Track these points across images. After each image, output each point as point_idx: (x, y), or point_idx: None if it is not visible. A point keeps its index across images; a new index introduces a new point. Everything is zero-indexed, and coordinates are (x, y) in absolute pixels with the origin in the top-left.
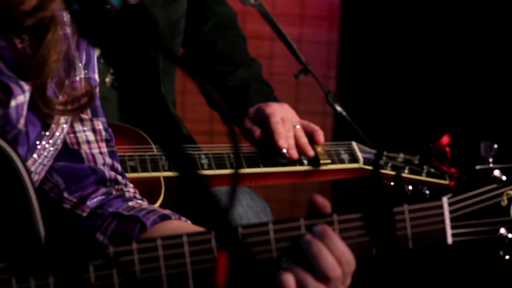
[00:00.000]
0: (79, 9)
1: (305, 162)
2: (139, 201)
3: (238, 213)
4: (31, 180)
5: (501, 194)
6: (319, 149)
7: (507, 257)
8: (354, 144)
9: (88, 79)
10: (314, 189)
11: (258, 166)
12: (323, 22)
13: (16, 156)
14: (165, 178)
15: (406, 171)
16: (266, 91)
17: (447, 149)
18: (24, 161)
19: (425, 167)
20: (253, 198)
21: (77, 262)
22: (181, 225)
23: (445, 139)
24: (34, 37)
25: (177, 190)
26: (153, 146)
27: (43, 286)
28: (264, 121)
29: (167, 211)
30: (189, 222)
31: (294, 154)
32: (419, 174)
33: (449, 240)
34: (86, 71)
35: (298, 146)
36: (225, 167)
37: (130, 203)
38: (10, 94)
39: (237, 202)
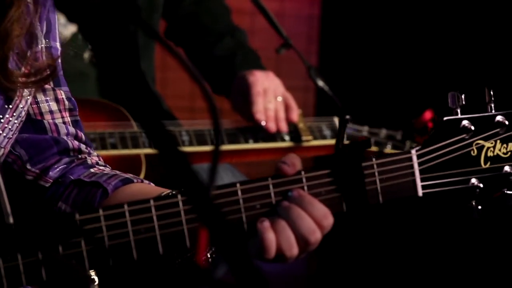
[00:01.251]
0: None
1: (287, 138)
2: (101, 167)
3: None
4: None
5: (470, 144)
6: (301, 125)
7: (479, 207)
8: (336, 119)
9: (49, 48)
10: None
11: (239, 143)
12: None
13: None
14: (146, 155)
15: (389, 147)
16: (252, 59)
17: (430, 124)
18: None
19: (407, 142)
20: (235, 174)
21: (45, 235)
22: (143, 187)
23: (428, 114)
24: None
25: (158, 167)
26: (133, 122)
27: (10, 259)
28: (245, 91)
29: (129, 175)
30: (152, 184)
31: (272, 127)
32: (402, 149)
33: (420, 192)
34: (47, 40)
35: (275, 119)
36: (206, 144)
37: (92, 170)
38: None
39: (218, 179)
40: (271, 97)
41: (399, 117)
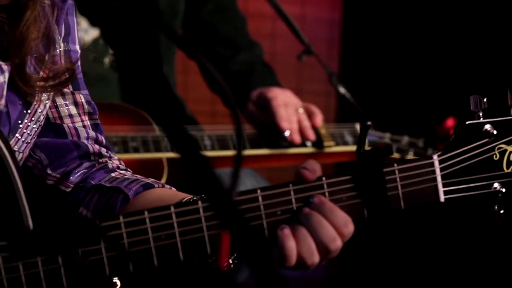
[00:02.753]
0: None
1: (309, 144)
2: (122, 172)
3: None
4: (15, 160)
5: (493, 149)
6: (323, 131)
7: (502, 211)
8: (358, 125)
9: (68, 52)
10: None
11: (261, 148)
12: (325, 1)
13: None
14: (168, 159)
15: (411, 154)
16: (268, 75)
17: (452, 131)
18: (7, 141)
19: (429, 150)
20: (257, 180)
21: (65, 240)
22: (164, 192)
23: (450, 122)
24: (12, 14)
25: (180, 171)
26: (155, 126)
27: (31, 264)
28: (266, 105)
29: (150, 180)
30: (173, 189)
31: (297, 138)
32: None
33: (442, 197)
34: (65, 43)
35: (300, 129)
36: (228, 148)
37: (113, 174)
38: None
39: (241, 184)
40: (292, 110)
41: (421, 124)
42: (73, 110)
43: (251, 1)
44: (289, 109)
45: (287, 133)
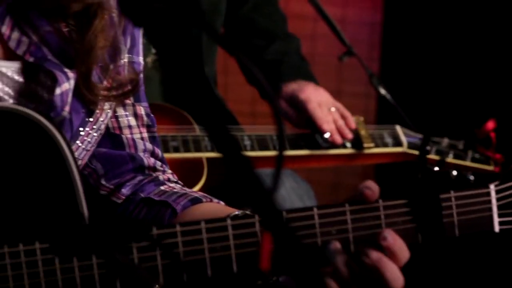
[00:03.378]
0: None
1: (348, 145)
2: (172, 185)
3: (282, 196)
4: (75, 162)
5: None
6: (363, 132)
7: None
8: (398, 127)
9: (132, 63)
10: (356, 172)
11: (301, 148)
12: (367, 2)
13: (61, 139)
14: (207, 158)
15: (451, 156)
16: (300, 66)
17: (492, 134)
18: (69, 143)
19: (469, 152)
20: (297, 180)
21: (121, 243)
22: (212, 207)
23: (490, 125)
24: (81, 22)
25: (220, 171)
26: (195, 126)
27: (86, 266)
28: (300, 107)
29: (199, 194)
30: (222, 203)
31: (338, 138)
32: (464, 159)
33: (496, 228)
34: (130, 55)
35: (337, 129)
36: (268, 149)
37: (162, 187)
38: (55, 82)
39: (281, 185)
40: (326, 110)
41: (461, 127)
42: (132, 121)
43: (292, 1)
44: (324, 109)
45: (327, 135)
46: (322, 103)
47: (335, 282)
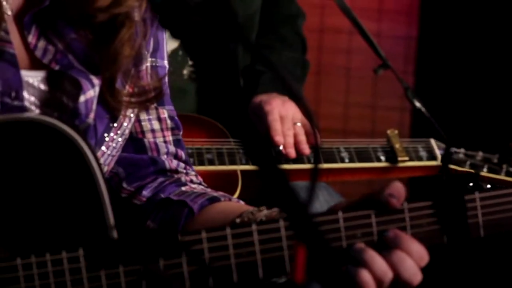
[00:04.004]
0: (160, 0)
1: (383, 158)
2: (194, 185)
3: (316, 209)
4: (101, 170)
5: None
6: (397, 145)
7: None
8: (432, 141)
9: (155, 68)
10: (387, 183)
11: (335, 161)
12: (402, 17)
13: (86, 147)
14: (242, 171)
15: (485, 169)
16: (284, 80)
17: None
18: (94, 151)
19: (504, 166)
20: (330, 193)
21: (147, 250)
22: (229, 205)
23: None
24: (107, 31)
25: (254, 184)
26: (230, 138)
27: (113, 275)
28: (262, 117)
29: (219, 193)
30: (241, 202)
31: (291, 152)
32: (498, 173)
33: None
34: (153, 59)
35: (295, 143)
36: (302, 162)
37: (183, 188)
38: (79, 89)
39: (315, 198)
40: (289, 124)
41: (496, 140)
42: (155, 125)
43: (327, 15)
44: (286, 123)
45: (281, 147)
46: (285, 117)
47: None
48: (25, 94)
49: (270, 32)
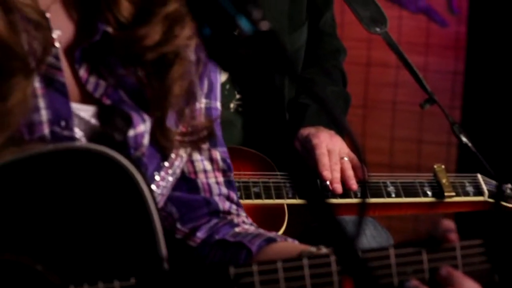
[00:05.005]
0: (210, 34)
1: (429, 193)
2: (246, 226)
3: (362, 244)
4: (155, 201)
5: None
6: (444, 180)
7: None
8: (479, 176)
9: (209, 109)
10: (436, 220)
11: (382, 196)
12: (449, 51)
13: (139, 176)
14: (288, 205)
15: None
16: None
17: None
18: (148, 182)
19: None
20: (377, 228)
21: (198, 283)
22: (286, 246)
23: None
24: (158, 69)
25: (301, 218)
26: (277, 172)
27: None
28: (310, 151)
29: (273, 234)
30: (296, 242)
31: (338, 188)
32: None
33: None
34: (207, 100)
35: (342, 178)
36: (349, 196)
37: (237, 229)
38: (129, 123)
39: (362, 232)
40: (336, 158)
41: None
42: (208, 166)
43: (374, 49)
44: (333, 157)
45: (326, 183)
46: (332, 151)
47: None
48: (75, 125)
49: (314, 66)
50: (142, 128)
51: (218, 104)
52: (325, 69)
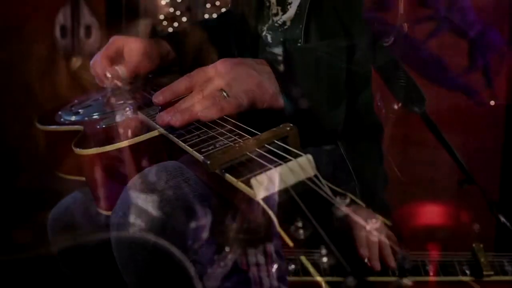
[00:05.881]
0: None
1: (468, 272)
2: None
3: None
4: None
5: None
6: (482, 259)
7: None
8: None
9: None
10: None
11: (420, 275)
12: (487, 130)
13: None
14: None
15: None
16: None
17: None
18: None
19: None
20: None
21: None
22: None
23: None
24: None
25: None
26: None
27: None
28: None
29: None
30: None
31: (377, 265)
32: None
33: None
34: None
35: (380, 256)
36: (387, 274)
37: None
38: None
39: None
40: (374, 236)
41: None
42: None
43: (412, 129)
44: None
45: (365, 260)
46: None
47: None
48: None
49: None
50: None
51: None
52: (367, 147)
